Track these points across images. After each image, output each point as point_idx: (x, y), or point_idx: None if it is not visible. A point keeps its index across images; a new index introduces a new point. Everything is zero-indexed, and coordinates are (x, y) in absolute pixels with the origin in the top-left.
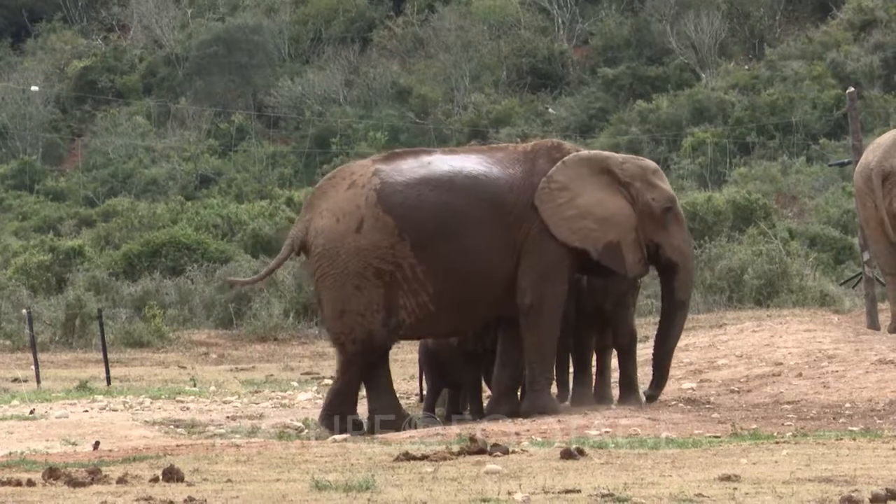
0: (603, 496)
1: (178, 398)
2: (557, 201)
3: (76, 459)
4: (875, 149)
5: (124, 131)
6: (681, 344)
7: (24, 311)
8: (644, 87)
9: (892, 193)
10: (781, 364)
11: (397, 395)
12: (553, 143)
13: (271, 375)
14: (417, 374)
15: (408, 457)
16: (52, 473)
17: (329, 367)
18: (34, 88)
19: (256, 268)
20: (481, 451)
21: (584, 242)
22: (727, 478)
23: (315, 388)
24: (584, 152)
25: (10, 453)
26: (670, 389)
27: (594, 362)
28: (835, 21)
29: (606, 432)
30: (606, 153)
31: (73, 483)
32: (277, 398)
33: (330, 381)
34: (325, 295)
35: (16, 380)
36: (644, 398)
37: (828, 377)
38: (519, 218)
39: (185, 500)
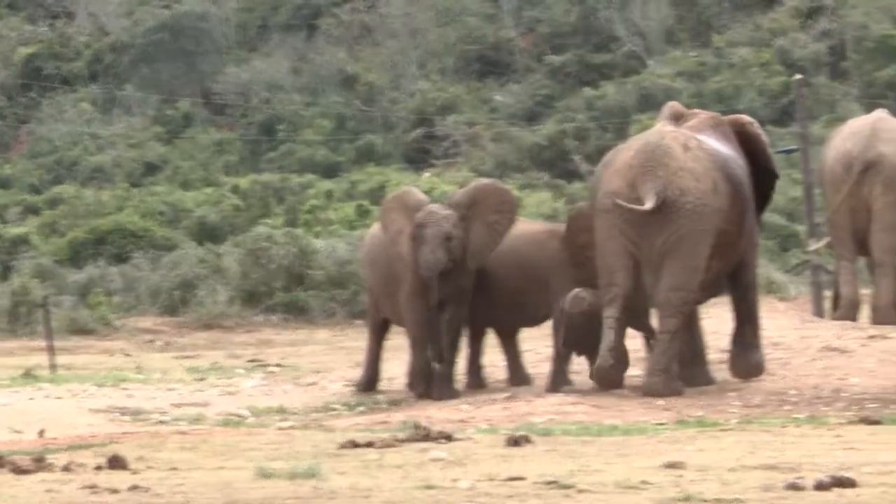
0: (548, 483)
1: (123, 385)
2: None
3: (21, 447)
4: (852, 137)
5: (70, 118)
6: (627, 332)
7: None
8: (591, 75)
9: (872, 184)
10: (727, 351)
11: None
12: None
13: (216, 363)
14: (364, 361)
15: (353, 444)
16: None
17: (274, 355)
18: None
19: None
20: (426, 439)
21: None
22: (672, 465)
23: (260, 375)
24: None
25: None
26: None
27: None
28: (782, 8)
29: (551, 419)
30: None
31: (18, 471)
32: (223, 386)
33: (276, 369)
34: (683, 251)
35: None
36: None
37: (773, 364)
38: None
39: (130, 488)
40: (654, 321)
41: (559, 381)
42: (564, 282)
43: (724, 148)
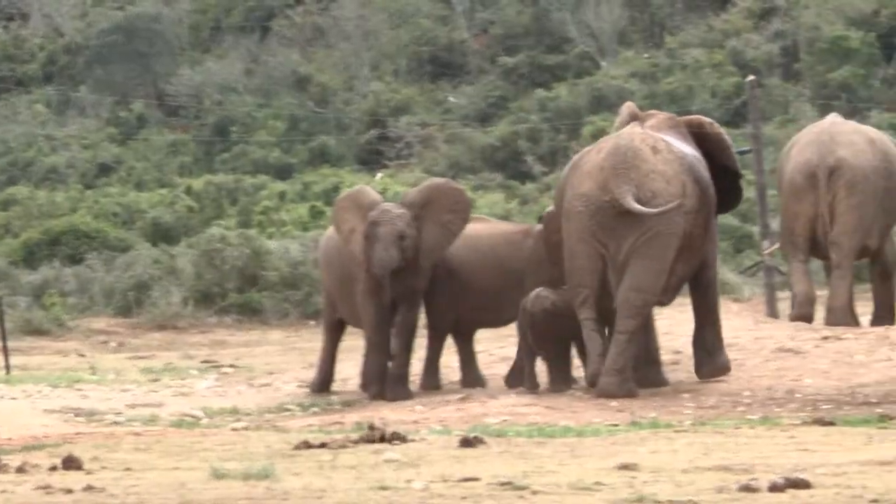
0: (502, 484)
1: (77, 386)
2: None
3: None
4: (810, 146)
5: (24, 120)
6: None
7: None
8: (544, 76)
9: (836, 188)
10: (681, 353)
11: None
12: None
13: (170, 363)
14: (318, 362)
15: (307, 445)
16: None
17: (228, 356)
18: None
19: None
20: (380, 440)
21: None
22: (626, 466)
23: (214, 376)
24: None
25: None
26: None
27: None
28: (735, 9)
29: (505, 421)
30: None
31: None
32: (176, 386)
33: (229, 370)
34: (650, 252)
35: None
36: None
37: None
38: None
39: (84, 489)
40: None
41: (529, 379)
42: (540, 281)
43: (689, 149)
